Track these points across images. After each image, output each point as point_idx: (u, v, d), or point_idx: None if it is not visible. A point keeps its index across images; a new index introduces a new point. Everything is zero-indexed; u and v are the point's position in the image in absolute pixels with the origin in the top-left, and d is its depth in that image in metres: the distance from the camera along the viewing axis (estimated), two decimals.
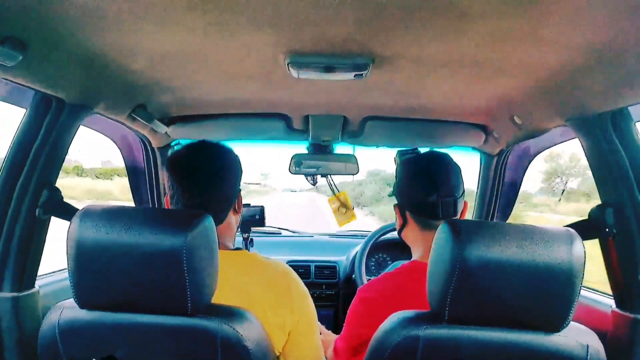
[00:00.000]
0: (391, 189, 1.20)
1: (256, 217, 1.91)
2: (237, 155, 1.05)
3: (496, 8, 0.74)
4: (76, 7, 0.78)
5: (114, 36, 0.90)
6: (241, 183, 1.07)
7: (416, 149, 1.44)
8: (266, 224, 1.98)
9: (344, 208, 1.95)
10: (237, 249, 1.03)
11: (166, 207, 1.02)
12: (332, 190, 1.96)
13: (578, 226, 1.04)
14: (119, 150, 1.82)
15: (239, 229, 1.90)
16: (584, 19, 0.76)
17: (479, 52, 0.94)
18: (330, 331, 1.47)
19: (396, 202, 1.15)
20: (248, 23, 0.83)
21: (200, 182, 0.97)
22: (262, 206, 1.93)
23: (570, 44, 0.86)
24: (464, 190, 1.09)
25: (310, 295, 1.03)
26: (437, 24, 0.81)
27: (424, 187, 1.04)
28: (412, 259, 1.12)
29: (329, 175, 1.93)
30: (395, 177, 1.15)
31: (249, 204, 1.94)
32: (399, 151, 1.17)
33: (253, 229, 2.04)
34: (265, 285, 0.95)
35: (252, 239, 1.92)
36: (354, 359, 1.06)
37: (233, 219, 1.05)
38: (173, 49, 0.97)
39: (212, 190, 0.97)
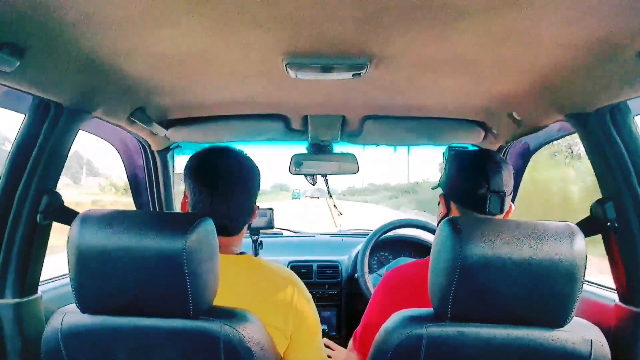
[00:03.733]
0: None
1: (265, 219, 1.91)
2: (257, 166, 1.05)
3: (493, 6, 0.74)
4: (73, 12, 0.77)
5: (111, 40, 0.90)
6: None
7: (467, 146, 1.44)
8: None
9: (337, 210, 1.96)
10: (241, 253, 1.03)
11: (182, 211, 1.02)
12: (328, 192, 1.96)
13: (581, 223, 1.04)
14: (118, 154, 1.82)
15: (248, 232, 1.91)
16: (580, 15, 0.76)
17: (477, 50, 0.94)
18: (342, 347, 1.46)
19: (442, 192, 1.15)
20: (245, 25, 0.82)
21: (228, 190, 0.95)
22: (271, 208, 1.94)
23: (567, 40, 0.86)
24: (512, 191, 1.08)
25: (313, 302, 1.03)
26: (434, 23, 0.81)
27: (475, 179, 1.04)
28: None
29: (327, 176, 1.93)
30: (445, 168, 1.15)
31: (258, 206, 1.94)
32: (449, 146, 1.18)
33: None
34: (268, 290, 0.95)
35: (261, 241, 1.92)
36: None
37: (245, 228, 1.06)
38: (171, 52, 0.97)
39: (240, 199, 0.97)
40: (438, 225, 1.16)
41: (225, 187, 0.96)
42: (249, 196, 0.99)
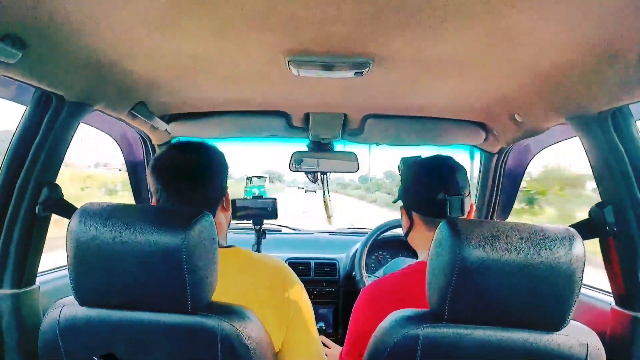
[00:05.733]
0: None
1: (268, 210, 1.92)
2: (221, 152, 1.04)
3: (495, 7, 0.74)
4: (76, 6, 0.77)
5: (114, 35, 0.90)
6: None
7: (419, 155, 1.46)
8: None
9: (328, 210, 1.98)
10: (230, 246, 1.02)
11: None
12: (324, 190, 1.97)
13: (579, 226, 1.04)
14: (119, 147, 1.82)
15: (252, 222, 1.91)
16: (583, 18, 0.76)
17: (479, 51, 0.94)
18: (337, 345, 1.46)
19: (402, 205, 1.15)
20: (247, 23, 0.82)
21: (182, 185, 0.96)
22: (274, 198, 1.94)
23: (570, 43, 0.86)
24: (470, 191, 1.09)
25: (305, 290, 1.03)
26: (437, 23, 0.81)
27: (432, 186, 1.05)
28: (418, 260, 1.12)
29: (327, 174, 1.93)
30: (401, 180, 1.16)
31: (262, 196, 1.94)
32: (402, 158, 1.19)
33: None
34: (260, 282, 0.95)
35: (264, 231, 1.93)
36: None
37: (222, 217, 1.04)
38: (173, 49, 0.97)
39: (195, 191, 0.96)
40: (405, 238, 1.15)
41: (175, 181, 0.96)
42: (203, 188, 0.98)
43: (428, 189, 1.05)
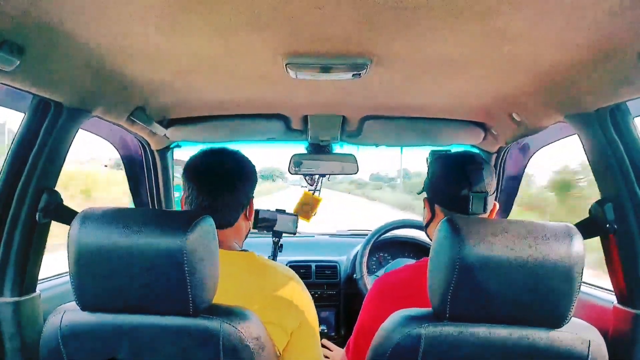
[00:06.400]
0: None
1: (289, 225, 1.93)
2: (253, 165, 1.09)
3: (493, 6, 0.74)
4: (73, 11, 0.78)
5: (111, 39, 0.90)
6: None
7: (449, 149, 1.45)
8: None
9: (308, 206, 1.98)
10: (244, 250, 1.04)
11: (182, 207, 1.06)
12: (316, 188, 1.98)
13: (580, 224, 1.04)
14: (118, 153, 1.82)
15: (272, 234, 1.92)
16: (581, 16, 0.76)
17: (477, 50, 0.94)
18: (339, 348, 1.46)
19: (426, 196, 1.16)
20: (246, 24, 0.83)
21: (214, 186, 1.00)
22: (296, 214, 1.96)
23: (568, 41, 0.86)
24: (495, 190, 1.09)
25: (313, 302, 1.04)
26: (435, 24, 0.81)
27: (456, 181, 1.05)
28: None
29: (327, 175, 1.93)
30: (428, 172, 1.16)
31: (284, 210, 1.96)
32: (431, 151, 1.19)
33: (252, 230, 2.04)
34: (268, 287, 0.96)
35: (282, 244, 1.94)
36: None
37: (243, 224, 1.08)
38: (171, 51, 0.98)
39: (225, 194, 1.01)
40: (425, 229, 1.16)
41: (207, 181, 1.01)
42: (234, 191, 1.02)
43: (452, 184, 1.06)
